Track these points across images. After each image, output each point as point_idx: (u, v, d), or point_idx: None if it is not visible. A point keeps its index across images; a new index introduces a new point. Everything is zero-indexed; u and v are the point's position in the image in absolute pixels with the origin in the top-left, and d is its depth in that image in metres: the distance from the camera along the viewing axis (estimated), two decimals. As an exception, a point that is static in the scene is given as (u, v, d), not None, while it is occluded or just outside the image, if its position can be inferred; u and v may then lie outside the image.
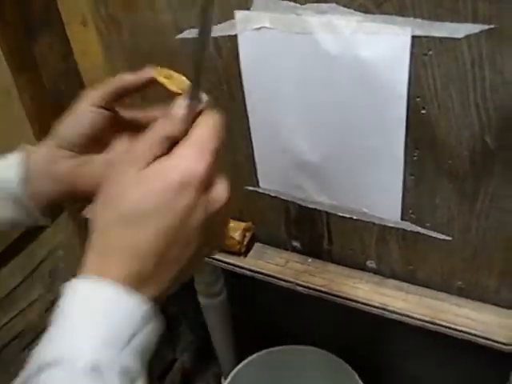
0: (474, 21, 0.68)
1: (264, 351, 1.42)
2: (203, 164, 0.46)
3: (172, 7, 0.89)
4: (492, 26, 0.67)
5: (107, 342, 0.42)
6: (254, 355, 1.42)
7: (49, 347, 0.42)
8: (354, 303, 1.02)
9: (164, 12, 0.91)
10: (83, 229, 1.32)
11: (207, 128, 0.48)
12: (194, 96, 0.48)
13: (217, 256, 1.14)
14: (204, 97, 0.49)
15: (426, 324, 0.97)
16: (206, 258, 1.15)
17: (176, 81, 0.56)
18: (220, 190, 0.48)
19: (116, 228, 0.46)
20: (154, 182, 0.46)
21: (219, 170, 0.48)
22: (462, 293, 0.98)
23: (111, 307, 0.43)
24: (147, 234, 0.45)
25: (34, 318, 1.25)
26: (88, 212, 0.53)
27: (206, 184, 0.46)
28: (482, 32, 0.68)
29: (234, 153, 1.02)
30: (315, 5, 0.76)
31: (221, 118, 0.49)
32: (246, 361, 1.41)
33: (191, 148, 0.47)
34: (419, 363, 1.35)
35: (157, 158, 0.47)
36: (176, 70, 0.58)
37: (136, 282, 0.45)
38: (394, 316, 0.99)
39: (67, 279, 0.44)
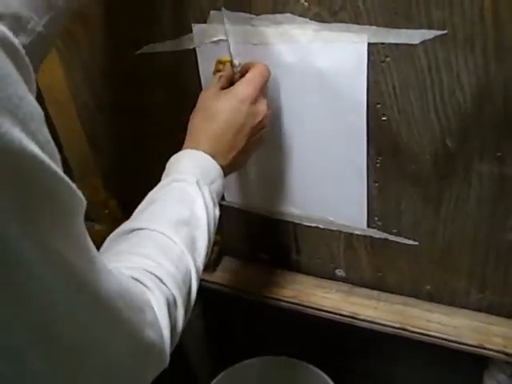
0: (429, 27, 0.68)
1: (239, 364, 1.41)
2: (252, 89, 0.75)
3: (130, 24, 0.89)
4: (445, 32, 0.67)
5: (202, 177, 0.72)
6: (230, 368, 1.41)
7: (172, 175, 0.72)
8: (324, 313, 1.01)
9: (122, 28, 0.90)
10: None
11: (255, 71, 0.77)
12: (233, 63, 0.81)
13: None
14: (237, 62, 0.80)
15: (398, 331, 0.97)
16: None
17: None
18: (262, 106, 0.77)
19: (203, 123, 0.76)
20: (225, 95, 0.76)
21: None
22: (432, 297, 0.99)
23: (203, 162, 0.73)
24: (221, 124, 0.75)
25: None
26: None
27: (254, 101, 0.76)
28: (436, 37, 0.68)
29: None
30: (270, 15, 0.76)
31: (265, 66, 0.78)
32: (221, 374, 1.40)
33: (246, 81, 0.77)
34: (393, 368, 1.35)
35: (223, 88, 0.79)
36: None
37: (213, 153, 0.74)
38: (365, 324, 0.99)
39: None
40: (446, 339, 0.94)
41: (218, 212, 0.74)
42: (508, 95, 0.70)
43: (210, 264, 1.10)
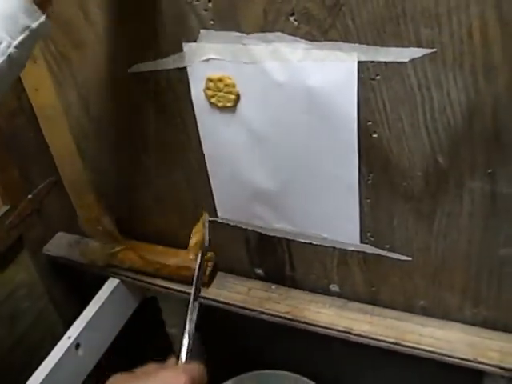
0: (418, 45, 0.69)
1: (236, 378, 1.41)
2: (184, 378, 0.66)
3: (122, 43, 0.89)
4: (434, 50, 0.68)
5: None
6: (227, 382, 1.40)
7: None
8: (318, 328, 1.01)
9: (114, 47, 0.90)
10: (45, 265, 1.30)
11: (195, 364, 0.73)
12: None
13: (180, 288, 1.13)
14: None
15: (392, 345, 0.97)
16: (170, 290, 1.13)
17: None
18: None
19: None
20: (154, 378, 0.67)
21: None
22: (425, 312, 0.99)
23: None
24: None
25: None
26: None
27: None
28: (425, 55, 0.69)
29: (191, 184, 1.02)
30: (261, 34, 0.76)
31: (201, 369, 0.73)
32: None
33: (180, 367, 0.73)
34: (389, 382, 1.34)
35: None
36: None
37: None
38: (360, 339, 0.99)
39: (30, 317, 0.49)
40: (440, 353, 0.94)
41: None
42: (497, 112, 0.71)
43: (205, 280, 1.10)
